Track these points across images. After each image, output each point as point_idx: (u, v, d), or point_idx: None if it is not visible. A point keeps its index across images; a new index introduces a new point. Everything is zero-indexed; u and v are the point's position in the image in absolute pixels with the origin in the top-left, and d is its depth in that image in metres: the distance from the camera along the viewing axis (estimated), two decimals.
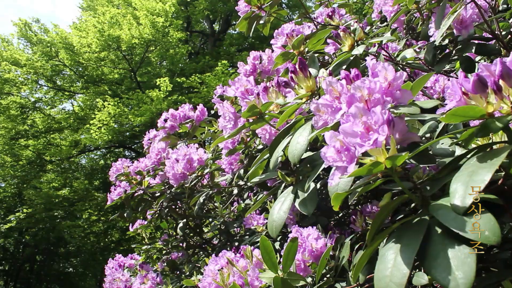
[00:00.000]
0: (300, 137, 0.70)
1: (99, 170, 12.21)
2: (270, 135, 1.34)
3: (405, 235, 0.50)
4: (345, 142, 0.53)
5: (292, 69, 0.76)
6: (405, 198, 0.58)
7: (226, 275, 1.17)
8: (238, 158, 1.92)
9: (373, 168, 0.51)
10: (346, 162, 0.53)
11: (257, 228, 1.68)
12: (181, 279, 2.41)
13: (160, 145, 2.17)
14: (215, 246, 2.54)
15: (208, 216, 2.37)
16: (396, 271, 0.46)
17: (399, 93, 0.63)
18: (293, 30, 1.18)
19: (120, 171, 2.44)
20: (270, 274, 0.90)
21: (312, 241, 1.09)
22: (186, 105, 2.23)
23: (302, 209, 0.71)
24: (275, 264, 0.89)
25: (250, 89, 0.85)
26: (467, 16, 0.96)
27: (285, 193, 0.78)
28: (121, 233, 12.20)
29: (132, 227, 2.86)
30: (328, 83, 0.65)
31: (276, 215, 0.76)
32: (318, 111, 0.68)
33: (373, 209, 1.31)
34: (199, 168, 1.76)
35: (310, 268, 1.08)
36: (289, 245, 0.92)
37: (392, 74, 0.64)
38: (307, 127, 0.72)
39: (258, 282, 0.91)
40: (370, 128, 0.53)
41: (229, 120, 0.86)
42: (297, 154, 0.68)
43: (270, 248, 0.88)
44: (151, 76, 11.75)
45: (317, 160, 0.85)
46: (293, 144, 0.70)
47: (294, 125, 0.83)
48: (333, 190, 0.63)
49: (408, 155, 0.51)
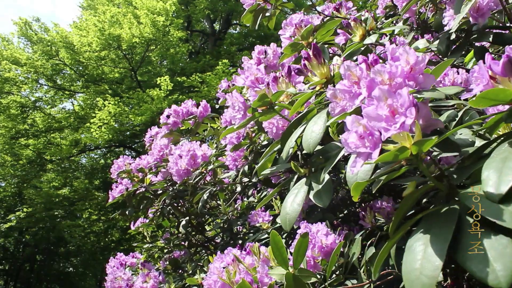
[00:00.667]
0: (315, 126, 0.67)
1: (99, 170, 12.17)
2: (277, 129, 1.30)
3: (435, 225, 0.47)
4: (368, 127, 0.50)
5: (305, 56, 0.73)
6: (429, 187, 0.54)
7: (233, 273, 1.14)
8: (242, 154, 1.89)
9: (400, 154, 0.48)
10: (370, 148, 0.50)
11: (262, 225, 1.64)
12: (184, 277, 2.37)
13: (163, 142, 2.13)
14: (218, 245, 2.51)
15: (211, 214, 2.34)
16: (427, 263, 0.43)
17: (422, 78, 0.59)
18: (301, 21, 1.14)
19: (121, 168, 2.41)
20: (280, 270, 0.87)
21: (322, 237, 1.06)
22: (189, 101, 2.20)
23: (317, 201, 0.68)
24: (285, 260, 0.85)
25: (260, 77, 0.82)
26: (483, 4, 0.92)
27: (298, 185, 0.74)
28: (121, 233, 12.17)
29: (134, 226, 2.83)
30: (346, 67, 0.62)
31: (289, 207, 0.73)
32: (335, 98, 0.65)
33: (382, 205, 1.27)
34: (203, 164, 1.73)
35: (320, 265, 1.05)
36: (299, 241, 0.88)
37: (414, 58, 0.60)
38: (321, 115, 0.69)
39: (268, 279, 0.88)
40: (395, 112, 0.50)
41: (239, 110, 0.82)
42: (313, 142, 0.65)
43: (281, 244, 0.85)
44: (152, 75, 11.72)
45: (330, 151, 0.82)
46: (307, 133, 0.67)
47: (306, 115, 0.80)
48: (352, 179, 0.59)
49: (436, 140, 0.48)
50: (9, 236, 11.87)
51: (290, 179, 0.82)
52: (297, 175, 0.81)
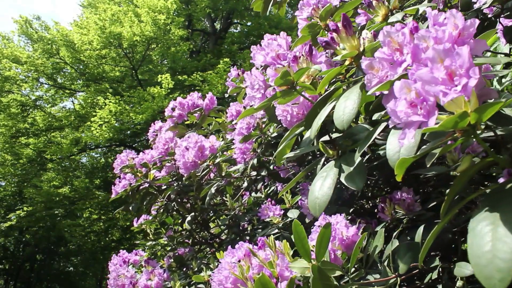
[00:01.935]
0: (348, 101, 0.61)
1: (99, 169, 12.11)
2: (292, 117, 1.24)
3: (502, 203, 0.41)
4: (422, 92, 0.44)
5: (334, 27, 0.67)
6: (486, 162, 0.48)
7: (246, 268, 1.08)
8: (251, 147, 1.83)
9: (460, 121, 0.42)
10: (423, 115, 0.44)
11: (273, 219, 1.58)
12: (188, 275, 2.31)
13: (168, 135, 2.07)
14: (223, 242, 2.45)
15: (217, 210, 2.27)
16: (501, 244, 0.37)
17: (473, 43, 0.53)
18: (319, 1, 1.08)
19: (124, 163, 2.34)
20: (302, 263, 0.80)
21: (342, 228, 1.00)
22: (195, 93, 2.14)
23: (350, 184, 0.62)
24: (308, 251, 0.79)
25: (282, 54, 0.76)
26: None
27: (327, 168, 0.68)
28: (122, 232, 12.11)
29: (137, 223, 2.76)
30: (386, 33, 0.56)
31: (318, 191, 0.66)
32: (372, 69, 0.59)
33: (402, 196, 1.21)
34: (210, 156, 1.66)
35: (340, 258, 0.99)
36: (322, 232, 0.82)
37: (462, 22, 0.54)
38: (354, 90, 0.63)
39: (289, 272, 0.82)
40: (453, 74, 0.44)
41: (259, 89, 0.76)
42: (347, 119, 0.59)
43: (303, 234, 0.78)
44: (152, 74, 11.65)
45: (356, 134, 0.76)
46: (339, 109, 0.61)
47: (332, 93, 0.74)
48: (394, 156, 0.53)
49: (502, 104, 0.42)
50: (9, 235, 11.81)
51: (316, 162, 0.75)
52: (324, 158, 0.74)
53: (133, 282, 2.24)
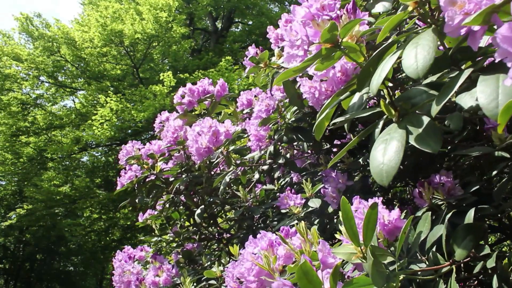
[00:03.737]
0: (419, 47, 0.50)
1: (100, 168, 11.99)
2: (320, 94, 1.13)
3: None
4: None
5: None
6: None
7: (273, 258, 0.97)
8: (266, 134, 1.73)
9: None
10: None
11: (293, 209, 1.47)
12: (197, 271, 2.21)
13: (177, 123, 1.96)
14: (233, 237, 2.34)
15: (229, 203, 2.17)
16: None
17: None
18: None
19: (130, 153, 2.24)
20: (349, 248, 0.70)
21: (384, 212, 0.89)
22: (206, 80, 2.03)
23: (424, 147, 0.51)
24: (356, 234, 0.68)
25: (329, 4, 0.65)
26: None
27: (389, 130, 0.57)
28: (122, 232, 11.99)
29: (142, 217, 2.66)
30: None
31: (383, 157, 0.55)
32: (453, 4, 0.48)
33: (441, 179, 1.11)
34: (225, 142, 1.56)
35: (382, 244, 0.88)
36: (368, 213, 0.71)
37: None
38: (424, 35, 0.52)
39: (333, 258, 0.71)
40: None
41: (301, 45, 0.65)
42: (421, 65, 0.48)
43: (351, 214, 0.68)
44: (154, 72, 11.55)
45: (414, 97, 0.65)
46: (409, 57, 0.49)
47: (387, 50, 0.63)
48: (490, 104, 0.42)
49: None
50: (10, 235, 11.72)
51: (374, 125, 0.65)
52: (383, 121, 0.64)
53: (139, 279, 2.14)
